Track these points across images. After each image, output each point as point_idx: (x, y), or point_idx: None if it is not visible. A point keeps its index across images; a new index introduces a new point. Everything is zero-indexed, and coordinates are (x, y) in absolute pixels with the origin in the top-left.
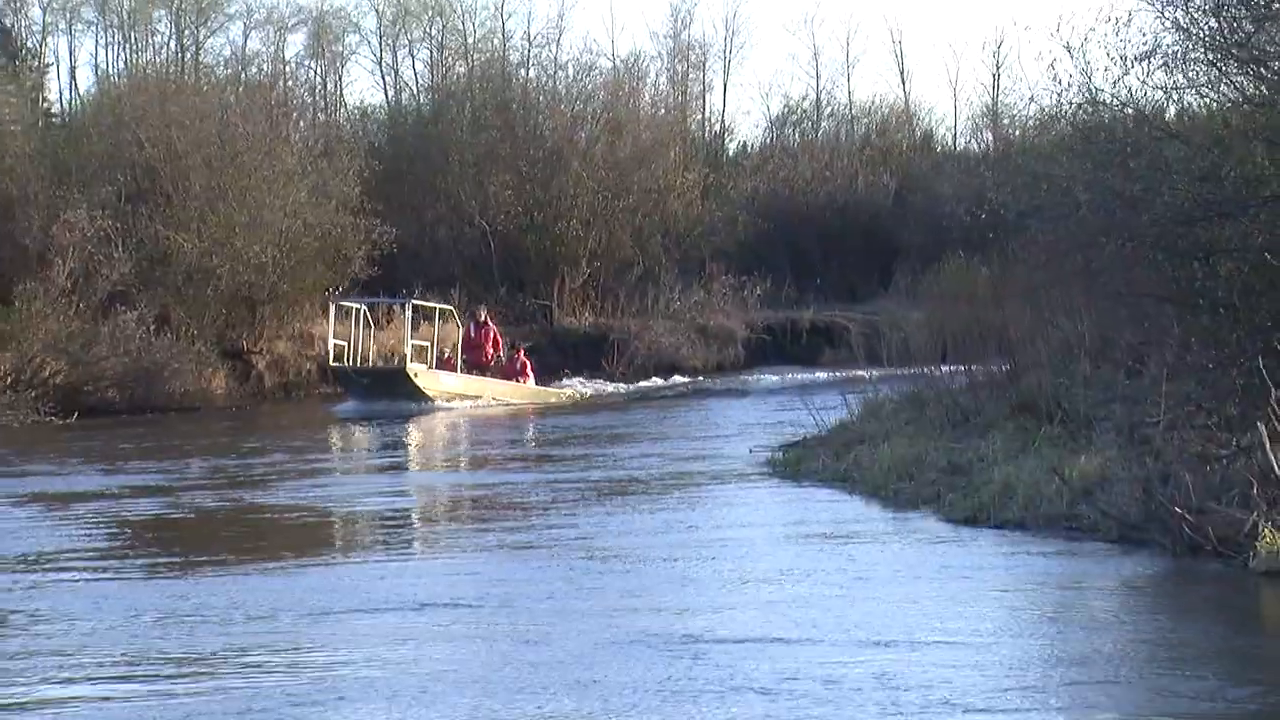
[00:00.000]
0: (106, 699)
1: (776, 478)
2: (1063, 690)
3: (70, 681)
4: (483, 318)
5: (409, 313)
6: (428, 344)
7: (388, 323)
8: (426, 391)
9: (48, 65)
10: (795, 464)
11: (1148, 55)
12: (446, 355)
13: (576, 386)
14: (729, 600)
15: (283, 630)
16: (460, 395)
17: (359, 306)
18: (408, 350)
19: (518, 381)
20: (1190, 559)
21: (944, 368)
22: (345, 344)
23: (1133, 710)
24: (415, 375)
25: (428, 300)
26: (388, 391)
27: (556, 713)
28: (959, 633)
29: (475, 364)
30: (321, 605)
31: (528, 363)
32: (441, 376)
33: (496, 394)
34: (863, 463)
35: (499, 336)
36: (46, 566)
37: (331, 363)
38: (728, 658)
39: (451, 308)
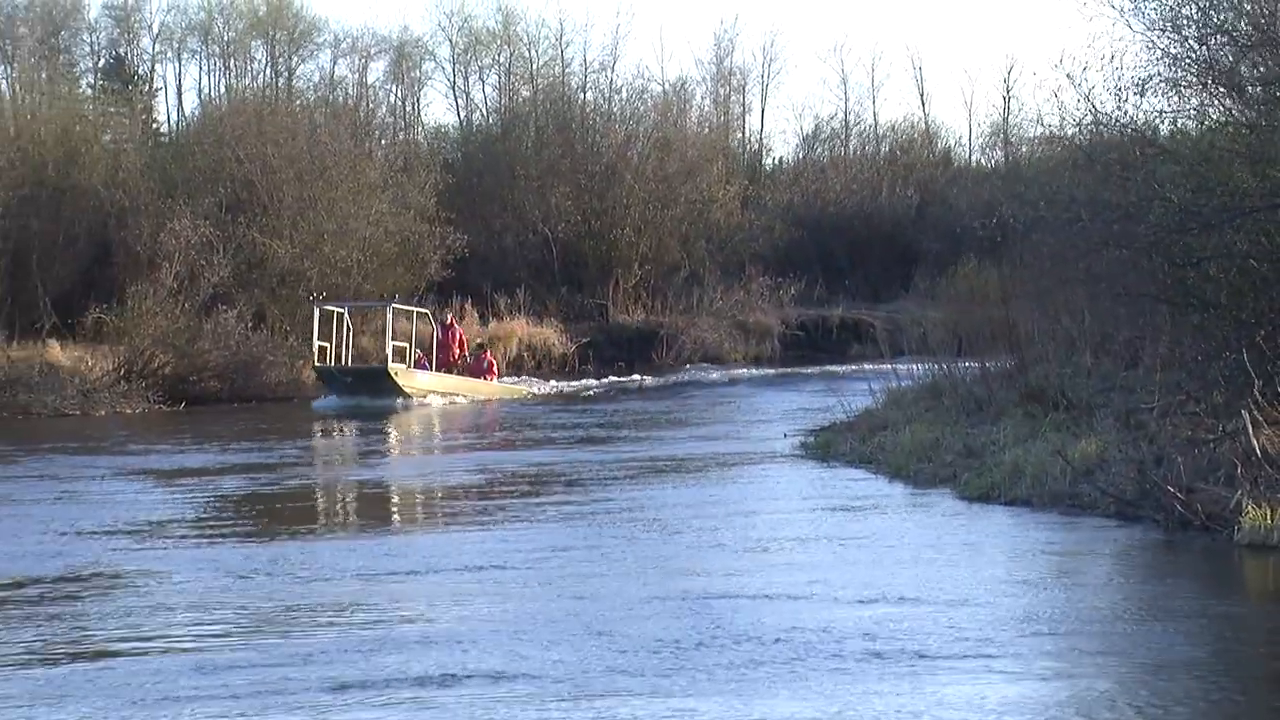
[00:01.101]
0: (188, 644)
1: (808, 459)
2: (1037, 641)
3: (162, 628)
4: (448, 321)
5: (390, 315)
6: (406, 344)
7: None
8: (405, 389)
9: (157, 89)
10: (825, 447)
11: (1143, 82)
12: (418, 355)
13: (530, 385)
14: (750, 563)
15: (351, 588)
16: (434, 392)
17: (341, 310)
18: (389, 351)
19: (484, 379)
20: (1180, 532)
21: (959, 361)
22: (329, 345)
23: (1099, 661)
24: (396, 374)
25: (408, 304)
26: (369, 389)
27: (580, 658)
28: (955, 593)
29: (443, 364)
30: (388, 567)
31: (494, 362)
32: (418, 375)
33: (465, 390)
34: (886, 446)
35: (464, 338)
36: (154, 531)
37: (315, 363)
38: (736, 613)
39: (427, 311)
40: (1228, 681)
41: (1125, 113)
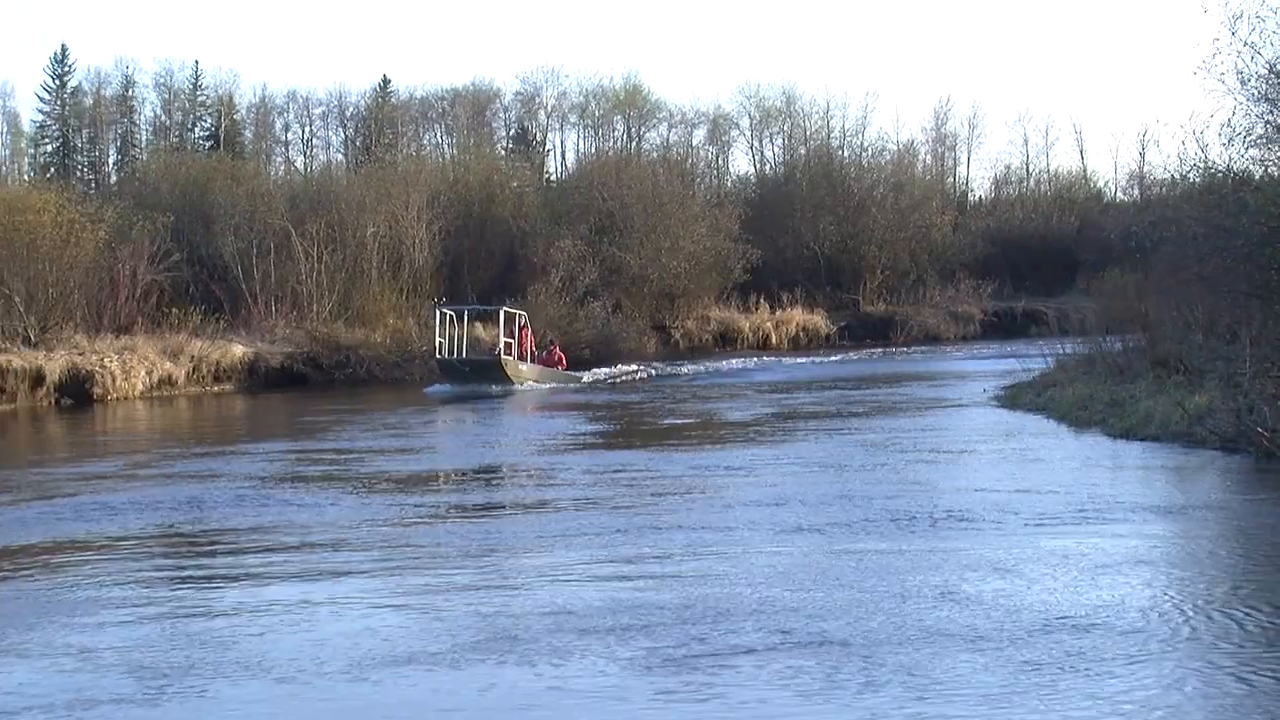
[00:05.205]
0: (556, 507)
1: (999, 406)
2: (1144, 515)
3: (544, 499)
4: (522, 322)
5: (502, 317)
6: (512, 340)
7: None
8: (511, 376)
9: (548, 150)
10: (1012, 399)
11: (1245, 138)
12: (497, 350)
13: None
14: (924, 466)
15: (670, 479)
16: (530, 379)
17: (450, 313)
18: (501, 345)
19: (557, 368)
20: (1266, 461)
21: (1107, 339)
22: (444, 340)
23: (1191, 531)
24: (506, 364)
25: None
26: (483, 377)
27: (808, 519)
28: (1087, 489)
29: (519, 357)
30: (698, 466)
31: (562, 356)
32: (519, 365)
33: (548, 378)
34: (1055, 398)
35: (533, 335)
36: (550, 445)
37: (437, 355)
38: (888, 497)
39: (524, 313)
40: None
41: (1230, 160)
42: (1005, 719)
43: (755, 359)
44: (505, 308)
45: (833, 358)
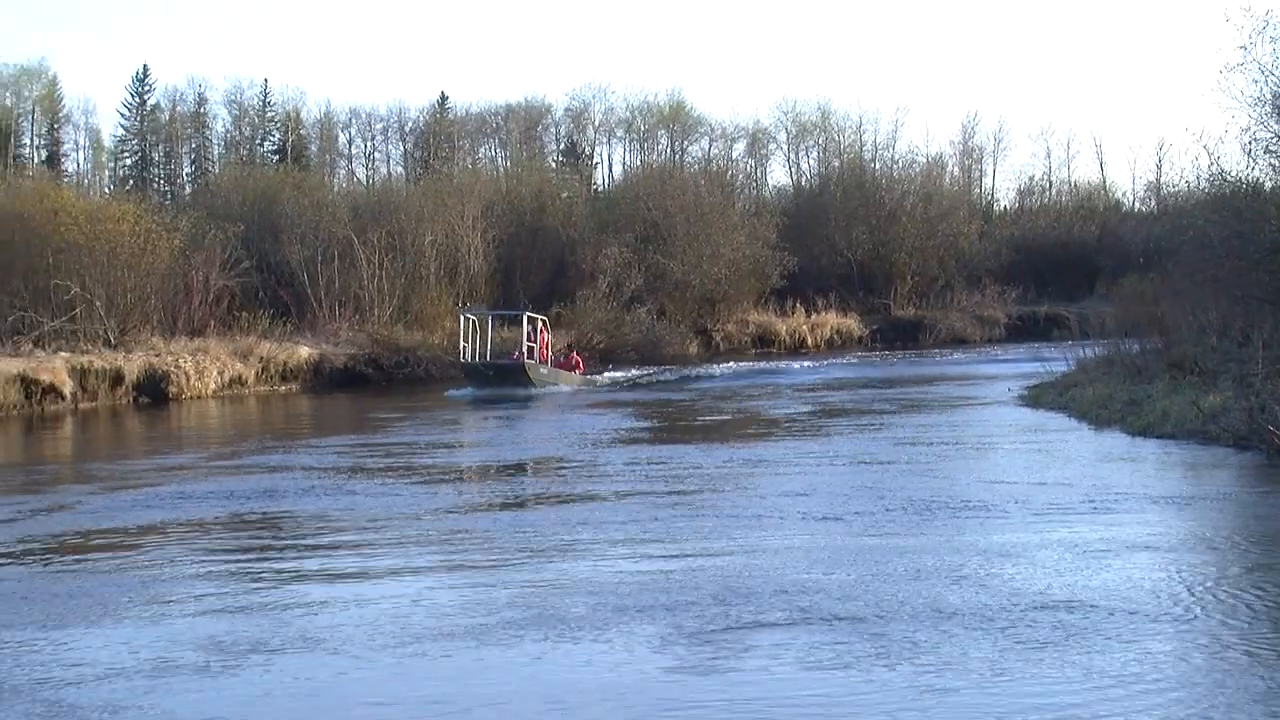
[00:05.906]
0: (595, 498)
1: (1022, 406)
2: (1157, 505)
3: (586, 489)
4: (538, 326)
5: (526, 322)
6: (534, 345)
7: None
8: (533, 380)
9: (595, 163)
10: (1035, 398)
11: (1258, 149)
12: (516, 354)
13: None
14: (948, 460)
15: (707, 472)
16: (550, 383)
17: (474, 317)
18: (524, 349)
19: (574, 372)
20: (1277, 458)
21: (1125, 341)
22: (469, 344)
23: (1206, 520)
24: (529, 369)
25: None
26: (506, 381)
27: (834, 509)
28: (1084, 481)
29: (539, 360)
30: (735, 460)
31: (580, 360)
32: (541, 369)
33: (566, 381)
34: (1076, 398)
35: (549, 340)
36: (597, 439)
37: (462, 359)
38: (912, 489)
39: (544, 317)
40: None
41: (1243, 170)
42: (1005, 691)
43: (767, 362)
44: (528, 313)
45: (878, 355)
